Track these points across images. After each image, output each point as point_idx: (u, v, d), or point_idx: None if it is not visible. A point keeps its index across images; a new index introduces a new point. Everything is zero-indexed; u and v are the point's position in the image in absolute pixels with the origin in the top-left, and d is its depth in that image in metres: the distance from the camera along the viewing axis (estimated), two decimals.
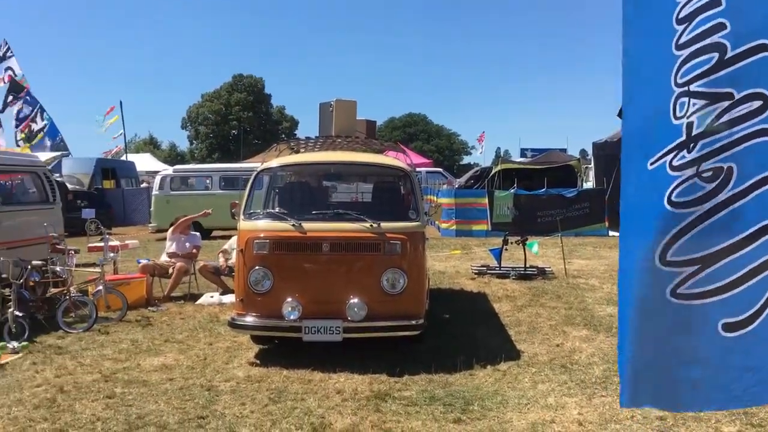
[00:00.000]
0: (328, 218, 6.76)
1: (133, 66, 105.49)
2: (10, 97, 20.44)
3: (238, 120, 67.87)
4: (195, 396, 5.52)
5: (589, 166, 25.43)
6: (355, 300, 6.30)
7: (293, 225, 6.52)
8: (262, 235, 6.52)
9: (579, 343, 7.22)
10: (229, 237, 12.20)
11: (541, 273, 11.55)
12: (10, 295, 7.69)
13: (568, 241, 14.54)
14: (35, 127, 20.68)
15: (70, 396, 5.54)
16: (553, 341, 7.34)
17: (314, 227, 6.53)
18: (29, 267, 8.20)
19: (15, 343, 7.06)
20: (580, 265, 13.04)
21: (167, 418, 5.03)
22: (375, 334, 6.46)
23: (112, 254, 9.63)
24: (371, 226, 6.47)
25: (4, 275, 7.87)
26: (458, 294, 10.36)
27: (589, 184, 24.18)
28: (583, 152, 29.89)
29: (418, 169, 8.24)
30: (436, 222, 19.78)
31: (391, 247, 6.42)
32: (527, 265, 11.63)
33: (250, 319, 6.48)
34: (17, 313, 7.43)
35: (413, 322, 6.44)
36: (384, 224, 6.50)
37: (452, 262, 13.79)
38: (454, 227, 19.59)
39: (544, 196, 19.37)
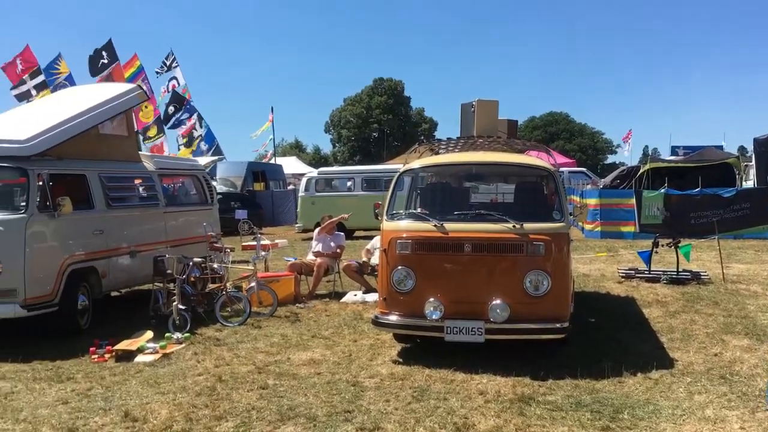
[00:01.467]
0: (470, 219, 6.75)
1: (279, 73, 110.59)
2: (172, 108, 22.10)
3: (379, 123, 69.30)
4: (341, 390, 5.71)
5: (750, 163, 23.65)
6: (498, 301, 6.25)
7: (435, 225, 6.57)
8: (404, 235, 6.63)
9: (740, 353, 6.74)
10: (371, 237, 12.49)
11: (696, 277, 10.88)
12: (174, 290, 8.32)
13: (725, 244, 13.60)
14: (195, 133, 22.20)
15: (228, 385, 5.91)
16: (710, 350, 6.90)
17: (456, 228, 6.55)
18: (191, 264, 8.84)
19: (179, 334, 7.63)
20: (739, 270, 12.15)
21: (316, 410, 5.24)
22: (518, 336, 6.38)
23: (263, 253, 10.15)
24: (514, 226, 6.39)
25: (169, 271, 8.52)
26: (604, 298, 9.99)
27: (750, 183, 22.49)
28: (742, 149, 27.82)
29: (560, 169, 8.05)
30: (580, 223, 19.17)
31: (535, 248, 6.31)
32: (680, 269, 11.00)
33: (393, 318, 6.60)
34: (180, 306, 8.03)
35: (557, 325, 6.29)
36: (527, 225, 6.40)
37: (597, 264, 13.31)
38: (599, 229, 18.89)
39: (698, 196, 18.23)
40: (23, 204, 7.62)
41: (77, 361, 6.85)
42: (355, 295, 10.06)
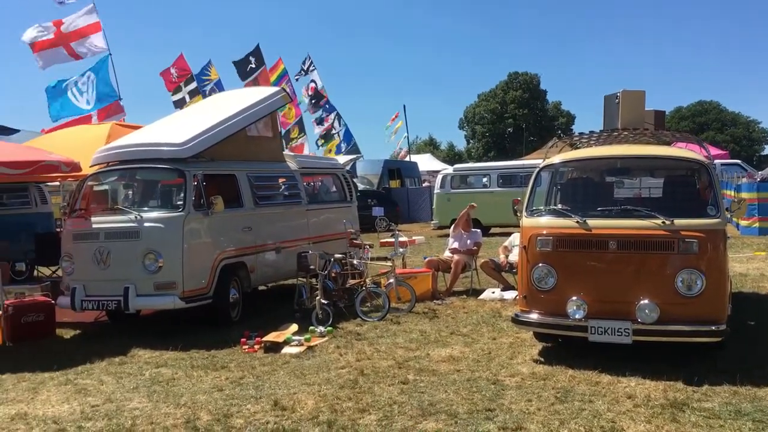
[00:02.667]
0: (615, 215, 6.48)
1: (413, 71, 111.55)
2: (312, 103, 22.92)
3: (514, 118, 68.18)
4: (482, 388, 5.67)
5: None
6: (646, 301, 5.95)
7: (578, 222, 6.36)
8: (545, 232, 6.47)
9: None
10: (507, 234, 12.31)
11: None
12: (317, 285, 8.61)
13: None
14: (333, 132, 22.92)
15: (370, 379, 6.04)
16: None
17: (600, 224, 6.30)
18: (332, 260, 9.11)
19: (321, 328, 7.89)
20: None
21: (456, 407, 5.23)
22: (669, 338, 6.05)
23: (402, 249, 10.28)
24: (663, 223, 6.06)
25: (312, 267, 8.83)
26: (765, 299, 9.26)
27: None
28: None
29: (714, 162, 7.52)
30: (735, 220, 17.87)
31: (687, 245, 5.94)
32: None
33: (533, 316, 6.46)
34: (323, 301, 8.30)
35: (713, 328, 5.89)
36: (678, 221, 6.04)
37: (756, 263, 12.36)
38: (756, 225, 17.53)
39: None
40: (180, 203, 8.18)
41: (230, 351, 7.26)
42: (493, 292, 9.96)
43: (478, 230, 11.09)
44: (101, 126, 12.13)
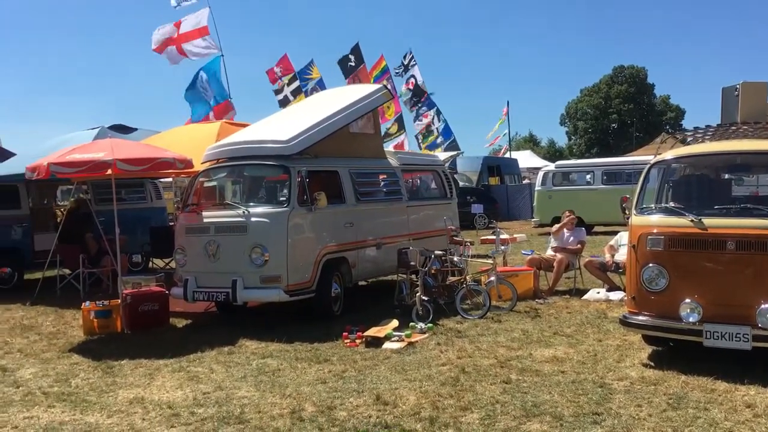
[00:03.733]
0: (733, 214, 6.13)
1: (513, 66, 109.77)
2: (412, 102, 22.99)
3: (618, 113, 65.91)
4: (588, 391, 5.50)
5: None
6: None
7: (692, 221, 6.06)
8: (655, 230, 6.21)
9: None
10: (611, 233, 11.92)
11: None
12: (417, 281, 8.63)
13: None
14: (433, 128, 22.90)
15: (471, 377, 5.99)
16: None
17: (716, 223, 5.98)
18: (432, 256, 9.10)
19: (422, 324, 7.89)
20: None
21: (562, 409, 5.10)
22: None
23: (503, 247, 10.14)
24: None
25: (412, 263, 8.85)
26: None
27: None
28: None
29: None
30: None
31: None
32: None
33: (643, 318, 6.21)
34: (423, 297, 8.31)
35: None
36: None
37: None
38: None
39: None
40: (285, 198, 8.40)
41: (332, 344, 7.39)
42: (598, 292, 9.65)
43: (583, 228, 10.77)
44: (211, 124, 12.63)
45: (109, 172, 8.63)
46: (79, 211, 12.24)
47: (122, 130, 13.00)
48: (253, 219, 8.21)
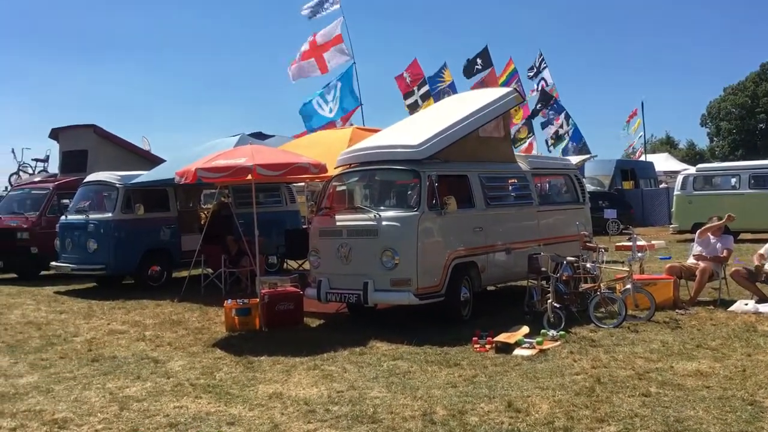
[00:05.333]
0: None
1: (648, 64, 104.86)
2: (539, 105, 22.55)
3: (767, 113, 61.29)
4: (736, 409, 5.17)
5: None
6: None
7: None
8: None
9: None
10: (760, 240, 11.10)
11: None
12: (548, 287, 8.44)
13: None
14: (562, 131, 22.35)
15: (607, 388, 5.78)
16: None
17: None
18: (564, 262, 8.88)
19: (553, 332, 7.71)
20: None
21: (707, 426, 4.83)
22: None
23: (640, 254, 9.72)
24: None
25: (543, 269, 8.68)
26: None
27: None
28: None
29: None
30: None
31: None
32: None
33: None
34: (555, 304, 8.12)
35: None
36: None
37: None
38: None
39: None
40: (415, 202, 8.49)
41: (461, 348, 7.38)
42: (746, 304, 9.02)
43: (730, 236, 10.08)
44: (344, 130, 12.99)
45: (249, 177, 9.09)
46: (221, 214, 12.96)
47: (260, 136, 13.67)
48: (383, 223, 8.36)
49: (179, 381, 6.50)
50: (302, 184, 16.74)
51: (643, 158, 35.09)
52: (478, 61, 21.91)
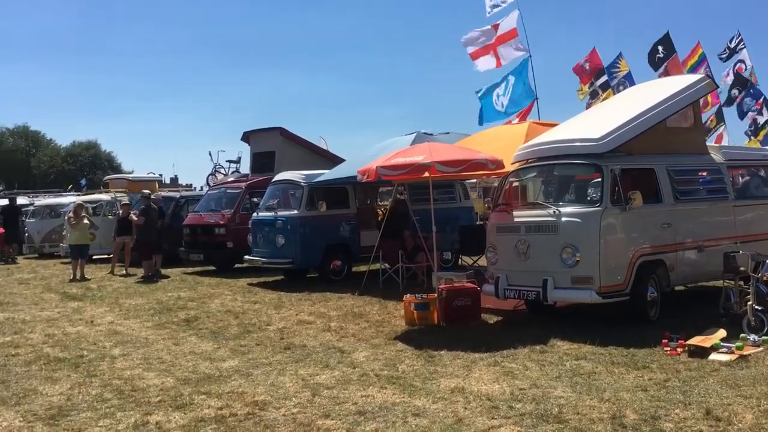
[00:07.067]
0: None
1: None
2: (735, 91, 20.79)
3: None
4: None
5: None
6: None
7: None
8: None
9: None
10: None
11: None
12: (747, 288, 7.80)
13: None
14: (761, 120, 20.45)
15: None
16: None
17: None
18: (766, 261, 8.14)
19: (755, 337, 7.12)
20: None
21: None
22: None
23: None
24: None
25: (741, 268, 8.02)
26: None
27: None
28: None
29: None
30: None
31: None
32: None
33: None
34: (756, 306, 7.48)
35: None
36: None
37: None
38: None
39: None
40: (597, 198, 8.20)
41: (649, 351, 7.02)
42: None
43: None
44: (520, 125, 12.81)
45: (427, 174, 9.24)
46: (398, 211, 13.29)
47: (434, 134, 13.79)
48: (563, 219, 8.16)
49: (364, 371, 6.77)
50: (474, 180, 16.72)
51: None
52: (660, 48, 20.60)
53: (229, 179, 20.27)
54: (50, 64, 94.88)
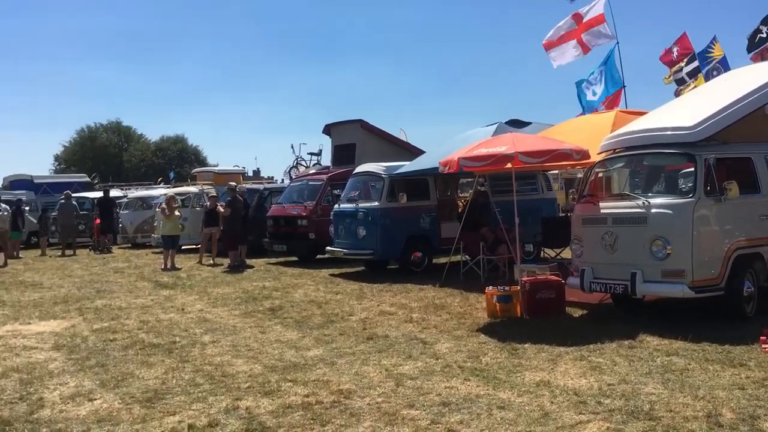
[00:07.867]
0: None
1: None
2: None
3: None
4: None
5: None
6: None
7: None
8: None
9: None
10: None
11: None
12: None
13: None
14: None
15: None
16: None
17: None
18: None
19: None
20: None
21: None
22: None
23: None
24: None
25: None
26: None
27: None
28: None
29: None
30: None
31: None
32: None
33: None
34: None
35: None
36: None
37: None
38: None
39: None
40: (690, 188, 7.88)
41: (746, 348, 6.72)
42: None
43: None
44: (606, 114, 12.43)
45: (510, 165, 9.12)
46: (479, 202, 13.18)
47: (517, 124, 13.59)
48: (653, 210, 7.90)
49: (447, 362, 6.76)
50: (555, 172, 16.37)
51: None
52: (762, 29, 19.43)
53: (311, 171, 20.60)
54: (136, 61, 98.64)
